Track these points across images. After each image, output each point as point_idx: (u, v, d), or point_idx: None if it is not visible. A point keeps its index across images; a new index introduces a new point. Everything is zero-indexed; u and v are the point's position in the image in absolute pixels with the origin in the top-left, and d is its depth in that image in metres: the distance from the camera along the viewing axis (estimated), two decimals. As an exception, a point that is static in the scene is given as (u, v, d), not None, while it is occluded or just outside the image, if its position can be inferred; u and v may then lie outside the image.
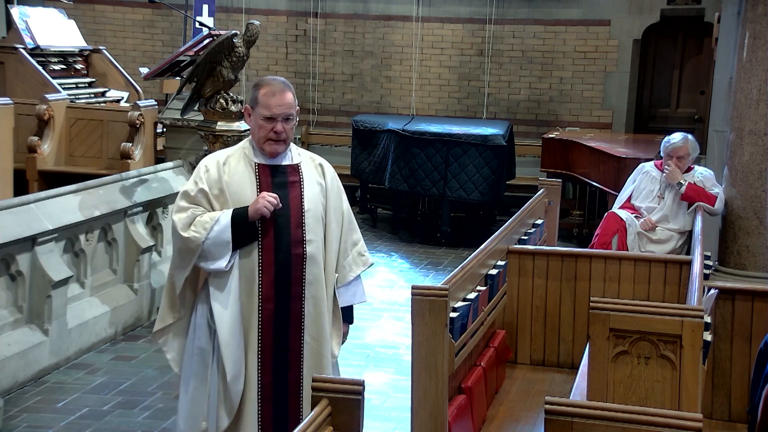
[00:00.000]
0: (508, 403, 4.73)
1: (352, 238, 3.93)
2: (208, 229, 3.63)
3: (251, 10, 12.32)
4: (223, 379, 3.69)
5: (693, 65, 11.61)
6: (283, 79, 3.83)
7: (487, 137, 9.71)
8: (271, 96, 3.70)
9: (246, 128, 6.87)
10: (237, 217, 3.65)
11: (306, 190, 3.78)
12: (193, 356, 3.77)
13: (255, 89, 3.76)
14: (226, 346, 3.67)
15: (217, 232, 3.63)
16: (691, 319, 3.36)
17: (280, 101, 3.71)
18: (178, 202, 3.73)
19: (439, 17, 12.17)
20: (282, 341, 3.74)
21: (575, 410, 2.64)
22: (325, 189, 3.85)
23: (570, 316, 5.26)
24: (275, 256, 3.69)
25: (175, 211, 3.72)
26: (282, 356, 3.75)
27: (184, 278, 3.76)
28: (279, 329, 3.73)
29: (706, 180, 6.75)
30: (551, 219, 6.77)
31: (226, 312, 3.68)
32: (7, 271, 5.62)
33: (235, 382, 3.68)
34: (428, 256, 9.53)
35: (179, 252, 3.74)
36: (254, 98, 3.74)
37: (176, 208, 3.72)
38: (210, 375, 3.73)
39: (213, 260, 3.66)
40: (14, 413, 5.25)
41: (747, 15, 6.85)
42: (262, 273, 3.69)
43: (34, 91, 8.63)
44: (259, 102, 3.72)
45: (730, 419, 4.65)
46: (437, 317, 3.67)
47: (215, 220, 3.64)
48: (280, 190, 3.72)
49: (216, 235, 3.63)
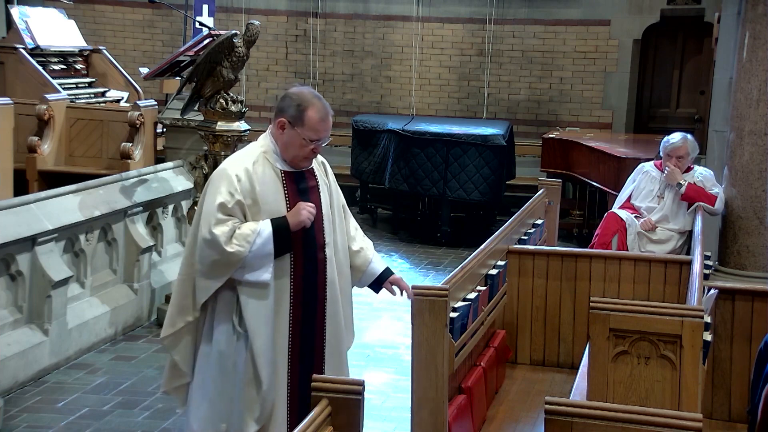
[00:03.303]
0: (508, 403, 4.73)
1: (354, 224, 4.03)
2: (251, 242, 3.57)
3: (251, 10, 12.32)
4: (250, 386, 3.67)
5: (693, 65, 11.61)
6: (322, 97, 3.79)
7: (487, 137, 9.72)
8: (321, 121, 3.67)
9: (246, 128, 6.87)
10: (278, 228, 3.62)
11: (321, 194, 3.82)
12: (210, 359, 3.73)
13: (299, 108, 3.66)
14: (262, 356, 3.65)
15: (260, 245, 3.58)
16: (691, 319, 3.36)
17: (328, 126, 3.71)
18: (215, 214, 3.60)
19: (439, 17, 12.17)
20: (308, 344, 3.76)
21: (575, 410, 2.64)
22: (329, 188, 3.89)
23: (570, 316, 5.26)
24: (303, 262, 3.71)
25: (214, 224, 3.59)
26: (308, 359, 3.77)
27: (213, 290, 3.67)
28: (306, 333, 3.76)
29: (706, 180, 6.75)
30: (551, 219, 6.77)
31: (262, 321, 3.65)
32: (7, 271, 5.62)
33: (270, 391, 3.68)
34: (428, 256, 9.54)
35: (215, 264, 3.62)
36: (299, 117, 3.65)
37: (214, 221, 3.59)
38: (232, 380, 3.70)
39: (255, 272, 3.61)
40: (14, 413, 5.24)
41: (747, 15, 6.85)
42: (293, 280, 3.71)
43: (34, 91, 8.63)
44: (306, 124, 3.65)
45: (730, 419, 4.65)
46: (437, 317, 3.67)
47: (256, 232, 3.59)
48: (304, 197, 3.74)
49: (258, 248, 3.58)
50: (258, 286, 3.64)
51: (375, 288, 4.03)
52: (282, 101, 3.73)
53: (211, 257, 3.61)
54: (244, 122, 6.88)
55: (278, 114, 3.72)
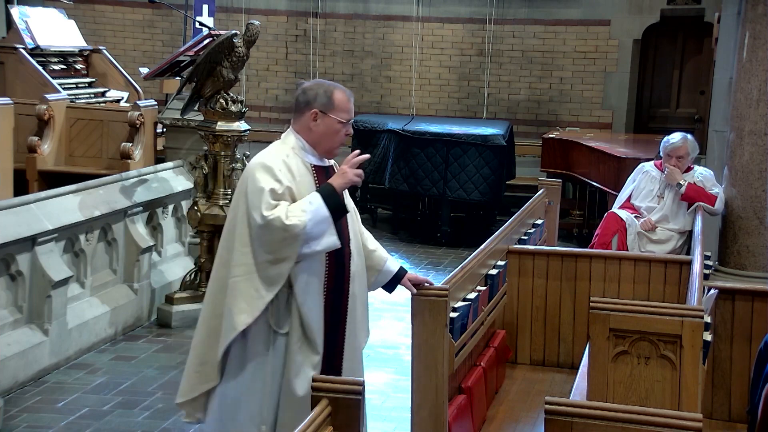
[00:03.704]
0: (508, 403, 4.74)
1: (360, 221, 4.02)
2: (306, 211, 3.57)
3: (251, 10, 12.32)
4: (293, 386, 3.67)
5: (693, 65, 11.61)
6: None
7: (487, 137, 9.72)
8: (348, 100, 3.72)
9: (246, 128, 6.88)
10: (325, 193, 3.63)
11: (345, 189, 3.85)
12: (245, 362, 3.69)
13: (326, 94, 3.69)
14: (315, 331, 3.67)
15: (315, 211, 3.58)
16: (691, 319, 3.36)
17: (353, 106, 3.78)
18: (266, 199, 3.57)
19: (439, 17, 12.17)
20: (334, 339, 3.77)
21: (575, 410, 2.64)
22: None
23: (570, 316, 5.26)
24: (335, 253, 3.72)
25: (266, 208, 3.56)
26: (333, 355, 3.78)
27: (287, 275, 3.63)
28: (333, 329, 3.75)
29: (706, 180, 6.75)
30: (551, 219, 6.77)
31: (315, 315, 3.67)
32: (7, 271, 5.61)
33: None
34: (428, 256, 9.54)
35: (281, 245, 3.57)
36: (329, 102, 3.68)
37: (266, 206, 3.56)
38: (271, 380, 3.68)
39: (320, 239, 3.60)
40: (14, 413, 5.24)
41: (747, 15, 6.85)
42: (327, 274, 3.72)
43: (34, 91, 8.63)
44: (337, 106, 3.69)
45: (730, 419, 4.65)
46: (437, 317, 3.68)
47: (308, 202, 3.60)
48: None
49: (315, 214, 3.57)
50: (306, 281, 3.64)
51: (389, 288, 4.01)
52: (304, 95, 3.73)
53: (274, 239, 3.58)
54: (244, 122, 6.89)
55: (305, 108, 3.72)
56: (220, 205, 6.78)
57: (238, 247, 3.65)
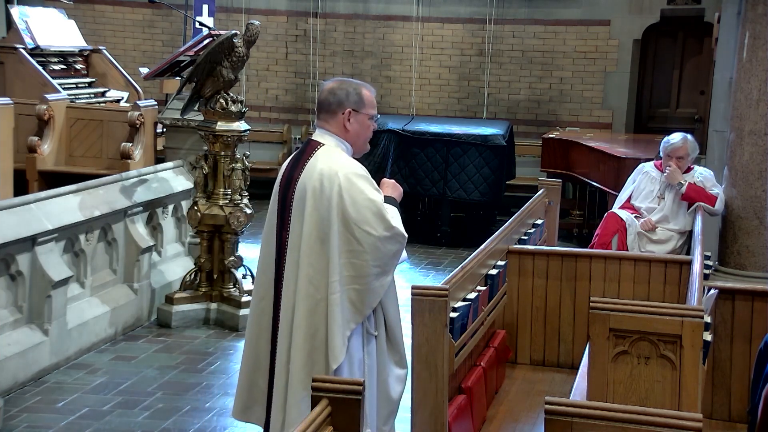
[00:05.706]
0: (508, 403, 4.74)
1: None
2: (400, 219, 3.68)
3: (251, 10, 12.32)
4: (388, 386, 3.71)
5: (693, 65, 11.61)
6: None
7: (487, 137, 9.72)
8: (373, 96, 3.81)
9: (246, 128, 6.88)
10: (394, 204, 3.72)
11: None
12: (354, 367, 3.66)
13: (356, 92, 3.73)
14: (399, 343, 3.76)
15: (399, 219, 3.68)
16: (691, 319, 3.36)
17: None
18: (386, 209, 3.60)
19: (439, 17, 12.17)
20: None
21: (575, 410, 2.64)
22: None
23: (570, 316, 5.26)
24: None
25: (391, 219, 3.59)
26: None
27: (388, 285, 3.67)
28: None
29: (706, 180, 6.75)
30: (551, 219, 6.77)
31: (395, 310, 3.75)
32: (7, 271, 5.61)
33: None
34: (428, 256, 9.53)
35: (397, 254, 3.64)
36: (360, 100, 3.73)
37: (390, 216, 3.59)
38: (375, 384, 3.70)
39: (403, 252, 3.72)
40: (14, 413, 5.24)
41: (747, 15, 6.86)
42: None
43: (34, 91, 8.63)
44: (366, 103, 3.76)
45: (730, 419, 4.65)
46: (437, 317, 3.68)
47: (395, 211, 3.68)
48: None
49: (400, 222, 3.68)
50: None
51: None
52: (334, 96, 3.72)
53: (390, 250, 3.61)
54: (244, 122, 6.90)
55: (338, 108, 3.71)
56: (220, 205, 6.79)
57: (336, 261, 3.56)
